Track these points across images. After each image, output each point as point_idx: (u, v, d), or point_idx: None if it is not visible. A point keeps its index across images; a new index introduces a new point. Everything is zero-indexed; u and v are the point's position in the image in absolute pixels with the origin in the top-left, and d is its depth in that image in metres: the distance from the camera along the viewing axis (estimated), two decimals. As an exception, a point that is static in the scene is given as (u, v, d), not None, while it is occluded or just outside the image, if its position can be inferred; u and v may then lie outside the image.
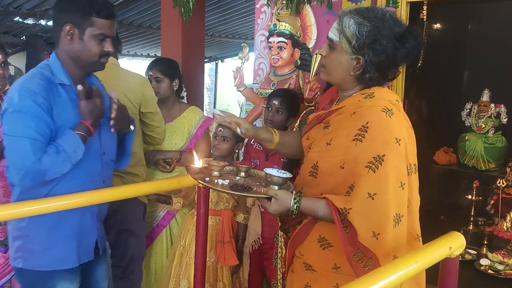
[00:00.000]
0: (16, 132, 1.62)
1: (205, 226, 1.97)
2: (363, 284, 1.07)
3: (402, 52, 1.51)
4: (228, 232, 2.50)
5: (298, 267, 1.68)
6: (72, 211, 1.69)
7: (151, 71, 2.80)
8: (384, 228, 1.41)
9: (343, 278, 1.54)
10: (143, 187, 2.10)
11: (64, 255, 1.80)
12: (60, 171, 1.67)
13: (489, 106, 3.79)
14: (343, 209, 1.43)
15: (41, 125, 1.64)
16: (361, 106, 1.53)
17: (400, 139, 1.46)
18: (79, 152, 1.69)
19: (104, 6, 1.72)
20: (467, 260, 2.72)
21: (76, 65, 1.76)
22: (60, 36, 1.73)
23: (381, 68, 1.53)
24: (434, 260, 1.26)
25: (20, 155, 1.60)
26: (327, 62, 1.60)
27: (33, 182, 1.63)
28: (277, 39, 2.74)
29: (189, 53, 3.70)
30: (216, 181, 1.62)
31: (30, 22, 6.33)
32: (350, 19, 1.51)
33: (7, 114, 1.66)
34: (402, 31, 1.51)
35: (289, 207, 1.50)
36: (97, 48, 1.72)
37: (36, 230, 1.77)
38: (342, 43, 1.53)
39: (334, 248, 1.56)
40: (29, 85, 1.66)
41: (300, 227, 1.65)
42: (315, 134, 1.65)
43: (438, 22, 3.93)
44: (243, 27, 7.51)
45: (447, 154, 4.07)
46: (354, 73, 1.55)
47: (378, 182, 1.42)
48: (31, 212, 1.60)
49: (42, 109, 1.65)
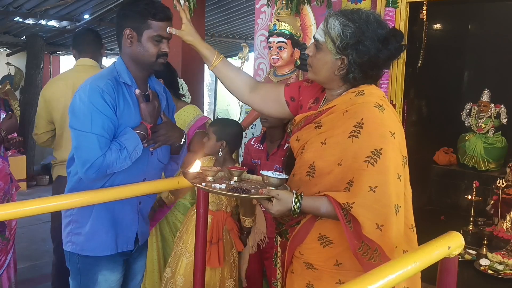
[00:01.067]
0: (85, 127, 1.75)
1: (205, 226, 1.98)
2: (362, 283, 1.07)
3: (385, 54, 1.55)
4: (216, 234, 2.50)
5: (298, 267, 1.68)
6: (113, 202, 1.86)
7: None
8: (387, 219, 1.45)
9: (345, 273, 1.56)
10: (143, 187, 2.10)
11: (105, 242, 1.94)
12: (121, 167, 1.81)
13: (489, 106, 3.79)
14: (346, 204, 1.46)
15: (107, 122, 1.77)
16: (353, 103, 1.57)
17: (394, 133, 1.51)
18: (138, 151, 1.83)
19: (159, 9, 1.85)
20: (467, 260, 2.73)
21: (137, 67, 1.90)
22: (121, 41, 1.87)
23: (363, 68, 1.57)
24: (433, 260, 1.26)
25: (88, 149, 1.74)
26: (313, 61, 1.63)
27: (96, 175, 1.76)
28: (277, 39, 2.74)
29: (189, 53, 3.70)
30: (213, 186, 1.62)
31: (31, 22, 6.33)
32: (335, 20, 1.55)
33: (77, 110, 1.78)
34: (386, 33, 1.55)
35: (291, 207, 1.51)
36: (155, 49, 1.85)
37: (83, 217, 1.92)
38: (327, 43, 1.56)
39: (335, 244, 1.58)
40: (99, 83, 1.79)
41: (299, 227, 1.65)
42: (307, 134, 1.66)
43: (438, 22, 3.94)
44: (243, 27, 7.51)
45: (447, 154, 4.07)
46: (338, 73, 1.59)
47: (378, 175, 1.46)
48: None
49: (109, 107, 1.78)
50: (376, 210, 1.44)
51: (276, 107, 1.85)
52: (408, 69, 2.85)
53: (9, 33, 7.24)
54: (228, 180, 1.72)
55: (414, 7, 2.65)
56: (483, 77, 4.29)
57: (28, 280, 3.89)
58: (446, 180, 4.02)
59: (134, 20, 1.83)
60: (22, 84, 7.96)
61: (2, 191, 2.67)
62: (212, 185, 1.62)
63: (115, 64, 1.92)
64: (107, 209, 1.92)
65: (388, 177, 1.46)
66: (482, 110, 3.81)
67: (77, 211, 1.93)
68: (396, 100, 2.86)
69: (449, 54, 4.12)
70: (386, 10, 2.79)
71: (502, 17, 4.15)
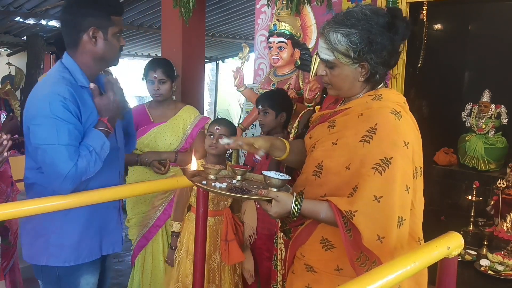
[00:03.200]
0: (51, 140, 1.66)
1: (204, 226, 1.98)
2: (362, 283, 1.07)
3: (398, 39, 1.51)
4: (231, 230, 2.50)
5: (299, 268, 1.66)
6: (98, 206, 1.80)
7: (155, 73, 2.77)
8: (389, 231, 1.40)
9: (345, 279, 1.51)
10: (143, 186, 2.10)
11: (90, 249, 1.88)
12: (94, 170, 1.73)
13: (490, 107, 3.78)
14: (347, 211, 1.41)
15: (73, 130, 1.69)
16: (369, 107, 1.52)
17: (408, 142, 1.45)
18: (106, 148, 1.76)
19: (118, 4, 1.84)
20: (467, 260, 2.72)
21: (96, 66, 1.84)
22: (81, 40, 1.78)
23: (386, 63, 1.53)
24: (432, 260, 1.26)
25: (59, 162, 1.65)
26: (331, 80, 1.57)
27: (72, 186, 1.67)
28: (277, 39, 2.74)
29: (190, 53, 3.70)
30: (213, 184, 1.60)
31: (31, 22, 6.33)
32: (336, 34, 1.49)
33: (39, 124, 1.68)
34: (388, 19, 1.49)
35: (290, 209, 1.48)
36: (118, 44, 1.83)
37: (69, 225, 1.83)
38: (340, 59, 1.51)
39: (336, 249, 1.55)
40: (58, 91, 1.69)
41: (302, 228, 1.63)
42: (319, 132, 1.63)
43: (439, 22, 3.93)
44: (243, 27, 7.51)
45: (448, 154, 4.06)
46: (362, 78, 1.54)
47: (385, 185, 1.40)
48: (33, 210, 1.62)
49: (72, 114, 1.70)
50: (378, 221, 1.40)
51: None
52: (409, 69, 2.84)
53: (10, 33, 7.25)
54: (231, 179, 1.70)
55: (415, 7, 2.65)
56: (484, 77, 4.28)
57: (28, 279, 3.89)
58: (447, 180, 4.01)
59: (98, 18, 1.76)
60: (22, 84, 7.96)
61: (4, 194, 2.65)
62: (213, 183, 1.60)
63: (65, 64, 1.81)
64: (91, 214, 1.85)
65: (394, 187, 1.41)
66: (483, 110, 3.80)
67: (59, 219, 1.80)
68: (396, 100, 2.86)
69: (449, 54, 4.11)
70: (386, 10, 2.79)
71: (502, 17, 4.14)
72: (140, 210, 2.86)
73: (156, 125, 2.83)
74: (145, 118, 2.85)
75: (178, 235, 2.60)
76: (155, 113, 2.87)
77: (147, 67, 2.85)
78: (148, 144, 2.80)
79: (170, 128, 2.83)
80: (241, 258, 2.49)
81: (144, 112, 2.88)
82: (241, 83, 2.97)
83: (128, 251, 4.27)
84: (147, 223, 2.84)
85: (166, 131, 2.82)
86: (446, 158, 4.04)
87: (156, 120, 2.85)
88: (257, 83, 3.21)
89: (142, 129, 2.80)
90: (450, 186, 3.97)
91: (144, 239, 2.85)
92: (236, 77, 2.96)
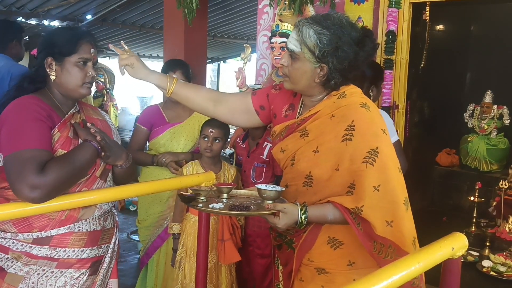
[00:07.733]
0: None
1: (207, 227, 1.97)
2: (365, 284, 1.07)
3: (363, 55, 1.55)
4: (227, 230, 2.50)
5: (308, 274, 1.66)
6: None
7: (175, 74, 2.72)
8: (396, 214, 1.45)
9: (359, 272, 1.56)
10: (145, 186, 2.10)
11: None
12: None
13: (492, 108, 3.79)
14: (355, 208, 1.46)
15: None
16: (338, 106, 1.57)
17: (384, 129, 1.53)
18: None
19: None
20: (469, 261, 2.72)
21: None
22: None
23: (344, 73, 1.57)
24: (436, 261, 1.26)
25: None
26: (290, 72, 1.60)
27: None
28: (279, 40, 2.74)
29: (192, 53, 3.71)
30: (210, 206, 1.57)
31: (33, 22, 6.33)
32: (309, 29, 1.53)
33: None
34: (360, 35, 1.55)
35: (297, 219, 1.51)
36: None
37: None
38: (305, 53, 1.54)
39: (345, 245, 1.58)
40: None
41: (306, 234, 1.62)
42: (293, 144, 1.64)
43: (441, 23, 3.94)
44: (245, 28, 7.51)
45: (450, 155, 4.07)
46: (319, 80, 1.58)
47: (379, 174, 1.46)
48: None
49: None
50: (383, 208, 1.45)
51: (245, 117, 1.82)
52: (411, 70, 2.85)
53: (12, 33, 7.25)
54: (219, 198, 1.66)
55: (417, 8, 2.66)
56: (486, 78, 4.29)
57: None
58: (449, 181, 4.02)
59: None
60: (24, 84, 7.97)
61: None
62: (209, 205, 1.58)
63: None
64: None
65: (389, 173, 1.47)
66: (485, 111, 3.80)
67: None
68: (399, 101, 2.86)
69: (451, 55, 4.12)
70: (389, 11, 2.80)
71: (504, 18, 4.15)
72: (155, 211, 2.83)
73: (171, 126, 2.81)
74: (160, 118, 2.84)
75: (178, 236, 2.61)
76: (170, 113, 2.86)
77: (165, 67, 2.84)
78: (164, 144, 2.79)
79: (186, 128, 2.82)
80: (237, 258, 2.49)
81: (158, 112, 2.87)
82: (243, 84, 2.97)
83: (130, 251, 4.27)
84: (162, 223, 2.82)
85: (182, 132, 2.81)
86: (448, 159, 4.04)
87: (171, 121, 2.83)
88: (259, 83, 3.21)
89: (157, 129, 2.80)
90: (452, 187, 3.98)
91: (160, 240, 2.82)
92: (238, 78, 2.96)
